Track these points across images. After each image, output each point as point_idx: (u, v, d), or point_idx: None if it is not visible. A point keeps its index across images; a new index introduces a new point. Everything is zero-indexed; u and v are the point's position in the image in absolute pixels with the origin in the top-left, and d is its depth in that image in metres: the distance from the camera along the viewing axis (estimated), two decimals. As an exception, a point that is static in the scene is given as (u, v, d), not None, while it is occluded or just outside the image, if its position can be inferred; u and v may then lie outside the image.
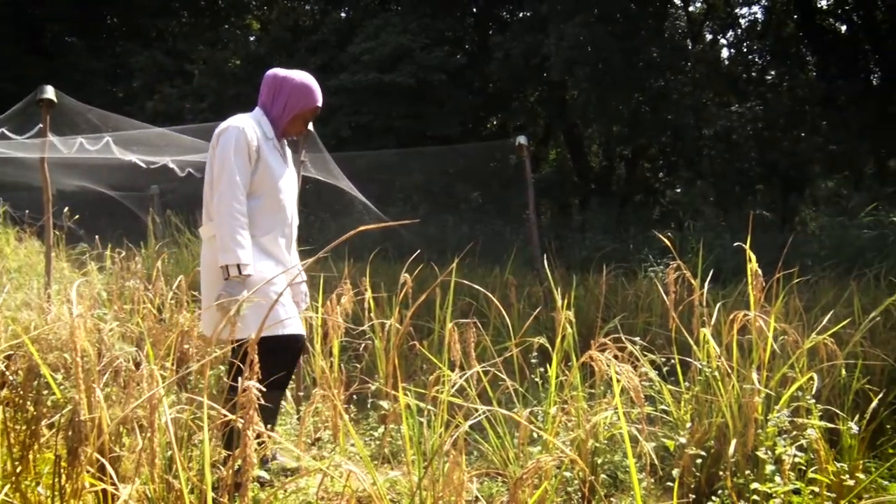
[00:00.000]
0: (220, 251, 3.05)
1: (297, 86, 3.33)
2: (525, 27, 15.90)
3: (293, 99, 3.32)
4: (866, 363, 3.90)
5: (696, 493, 3.05)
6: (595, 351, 2.66)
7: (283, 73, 3.36)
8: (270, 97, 3.35)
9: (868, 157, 13.65)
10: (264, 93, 3.37)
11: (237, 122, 3.21)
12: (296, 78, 3.34)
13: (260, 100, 3.38)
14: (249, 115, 3.31)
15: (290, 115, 3.34)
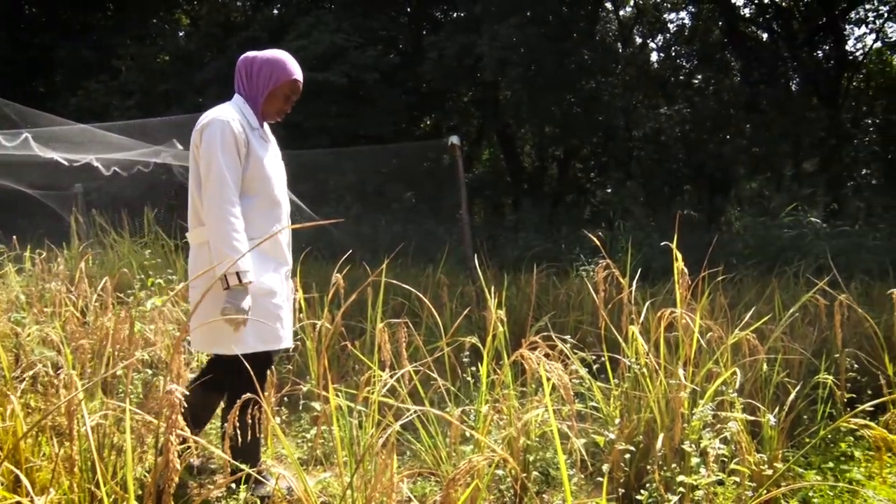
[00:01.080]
0: (217, 259, 2.81)
1: (268, 60, 3.07)
2: (459, 27, 15.95)
3: (265, 74, 3.06)
4: (786, 357, 4.04)
5: (625, 488, 3.10)
6: (526, 350, 2.68)
7: (252, 53, 3.12)
8: (244, 79, 3.10)
9: (787, 159, 14.15)
10: (237, 78, 3.12)
11: (220, 115, 2.94)
12: (266, 54, 3.10)
13: (235, 87, 3.13)
14: (230, 105, 3.05)
15: (266, 92, 3.08)
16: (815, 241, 8.87)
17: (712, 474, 2.68)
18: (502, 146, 19.03)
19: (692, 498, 2.75)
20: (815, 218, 9.52)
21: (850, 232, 9.49)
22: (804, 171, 14.40)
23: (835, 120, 15.08)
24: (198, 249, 2.99)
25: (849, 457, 3.48)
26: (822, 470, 3.44)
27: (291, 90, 3.16)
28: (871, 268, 7.51)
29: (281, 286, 3.09)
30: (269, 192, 3.06)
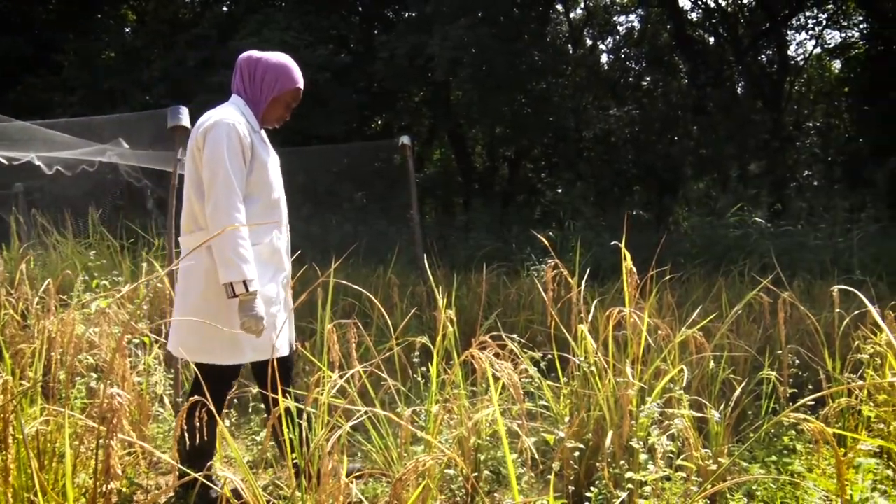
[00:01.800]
0: (222, 267, 2.72)
1: (274, 65, 2.99)
2: (410, 27, 15.92)
3: (269, 79, 2.97)
4: (731, 354, 4.12)
5: (575, 485, 3.13)
6: (475, 349, 2.68)
7: (257, 55, 3.01)
8: (246, 81, 2.99)
9: (733, 161, 14.44)
10: (238, 77, 3.01)
11: (225, 117, 2.83)
12: (271, 58, 3.01)
13: (234, 87, 3.03)
14: (232, 107, 2.94)
15: (269, 99, 3.00)
16: (760, 240, 9.08)
17: (660, 470, 2.71)
18: (453, 146, 19.08)
19: (640, 493, 2.78)
20: (759, 218, 9.73)
21: (792, 231, 9.72)
22: (749, 172, 14.72)
23: (778, 123, 15.46)
24: (197, 253, 2.81)
25: (791, 450, 3.56)
26: (766, 463, 3.51)
27: (293, 98, 3.10)
28: (813, 266, 7.71)
29: (278, 294, 3.02)
30: (270, 196, 2.99)
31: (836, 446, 1.73)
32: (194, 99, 14.21)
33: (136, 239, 6.93)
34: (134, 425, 3.38)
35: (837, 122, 18.05)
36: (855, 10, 17.02)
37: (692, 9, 19.17)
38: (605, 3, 20.13)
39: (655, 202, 14.69)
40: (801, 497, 2.99)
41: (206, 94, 15.02)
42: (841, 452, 2.94)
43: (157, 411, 3.94)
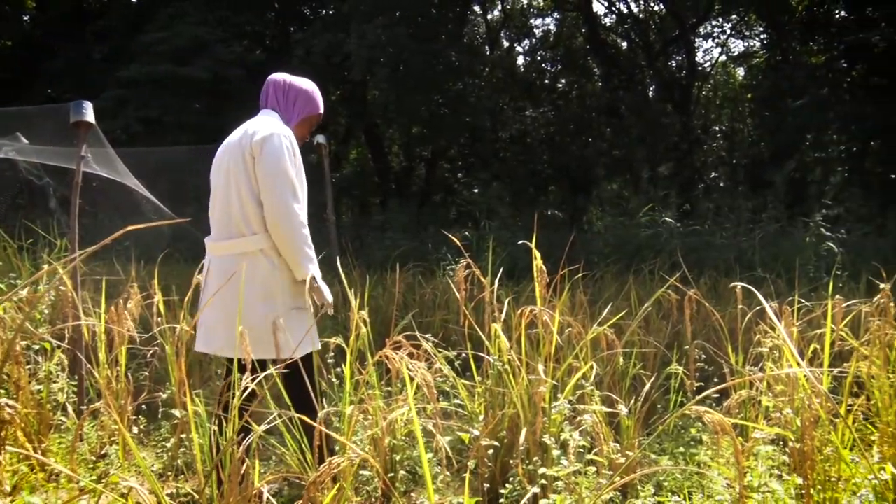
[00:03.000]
0: (302, 264, 2.99)
1: (304, 91, 3.27)
2: (327, 25, 15.78)
3: (301, 103, 3.25)
4: (642, 350, 4.24)
5: (490, 482, 3.16)
6: (389, 349, 2.67)
7: (288, 79, 3.27)
8: (280, 100, 3.24)
9: (644, 162, 14.85)
10: (272, 95, 3.24)
11: (278, 129, 3.02)
12: (302, 84, 3.29)
13: (268, 103, 3.24)
14: (275, 119, 3.14)
15: (299, 120, 3.25)
16: (670, 239, 9.37)
17: (572, 465, 2.76)
18: (370, 146, 19.01)
19: (553, 489, 2.83)
20: (669, 218, 10.03)
21: (700, 231, 10.07)
22: (659, 173, 15.16)
23: (687, 126, 15.98)
24: (248, 257, 2.99)
25: (698, 441, 3.69)
26: (675, 455, 3.63)
27: (317, 121, 3.38)
28: (719, 264, 8.00)
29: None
30: (306, 205, 3.13)
31: (735, 436, 1.80)
32: (102, 94, 13.73)
33: (35, 239, 6.63)
34: (32, 436, 3.25)
35: (741, 127, 18.79)
36: (756, 22, 17.75)
37: (606, 14, 19.65)
38: (522, 6, 20.40)
39: (570, 202, 14.98)
40: (707, 486, 3.10)
41: (115, 89, 14.54)
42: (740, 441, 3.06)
43: (59, 420, 3.78)
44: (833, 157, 15.68)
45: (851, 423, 2.93)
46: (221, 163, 3.10)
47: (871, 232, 9.90)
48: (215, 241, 3.10)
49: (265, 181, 2.94)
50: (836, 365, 3.38)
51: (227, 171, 3.04)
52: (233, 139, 3.10)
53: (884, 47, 13.33)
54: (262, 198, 2.97)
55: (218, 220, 3.10)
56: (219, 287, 2.95)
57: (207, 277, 3.11)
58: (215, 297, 2.95)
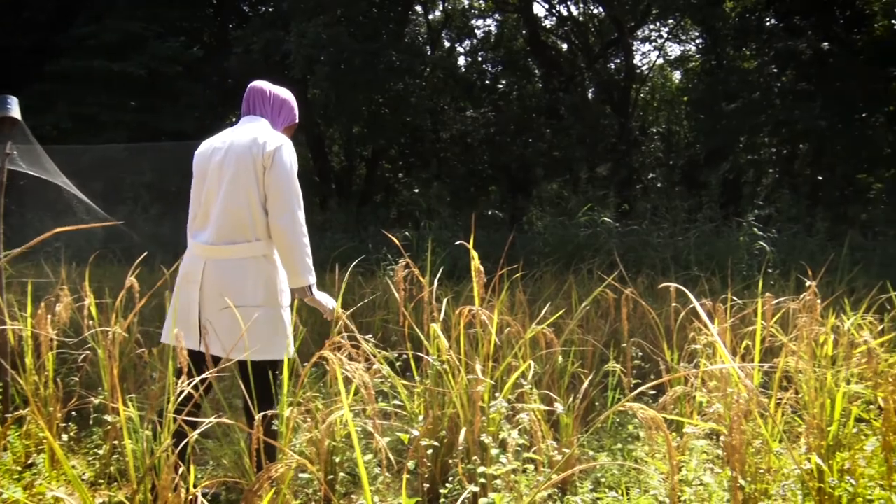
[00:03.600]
0: (302, 273, 3.07)
1: (287, 101, 3.35)
2: (266, 23, 15.59)
3: (285, 112, 3.34)
4: (580, 349, 4.29)
5: (431, 482, 3.15)
6: (328, 350, 2.65)
7: (272, 88, 3.33)
8: (267, 109, 3.30)
9: (583, 163, 15.06)
10: (259, 103, 3.30)
11: (285, 140, 3.13)
12: (284, 94, 3.36)
13: (256, 111, 3.29)
14: (274, 129, 3.23)
15: (282, 129, 3.32)
16: (608, 239, 9.51)
17: (511, 463, 2.78)
18: (310, 145, 18.83)
19: (493, 487, 2.84)
20: (607, 218, 10.18)
21: (638, 231, 10.25)
22: (598, 174, 15.39)
23: (625, 127, 16.25)
24: (251, 262, 3.08)
25: (635, 437, 3.75)
26: (612, 451, 3.68)
27: (294, 130, 3.44)
28: (656, 263, 8.16)
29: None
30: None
31: (668, 432, 1.83)
32: (27, 88, 13.28)
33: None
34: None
35: (678, 129, 19.20)
36: (692, 27, 18.17)
37: (546, 16, 19.85)
38: (464, 7, 20.47)
39: (510, 202, 15.10)
40: (644, 481, 3.15)
41: (42, 84, 14.10)
42: (674, 437, 3.12)
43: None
44: (765, 159, 16.17)
45: (780, 416, 3.02)
46: (223, 167, 3.10)
47: (800, 232, 10.22)
48: (215, 245, 3.09)
49: (277, 191, 3.04)
50: (767, 360, 3.48)
51: (233, 177, 3.06)
52: (237, 144, 3.11)
53: (810, 54, 13.79)
54: (269, 206, 3.06)
55: (219, 224, 3.09)
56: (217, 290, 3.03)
57: (203, 279, 3.09)
58: (216, 299, 3.03)
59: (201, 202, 3.17)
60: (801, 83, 14.19)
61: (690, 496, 2.78)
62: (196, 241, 3.17)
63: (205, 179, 3.17)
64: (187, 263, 3.17)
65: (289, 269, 3.10)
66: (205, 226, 3.15)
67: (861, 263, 8.00)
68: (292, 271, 3.09)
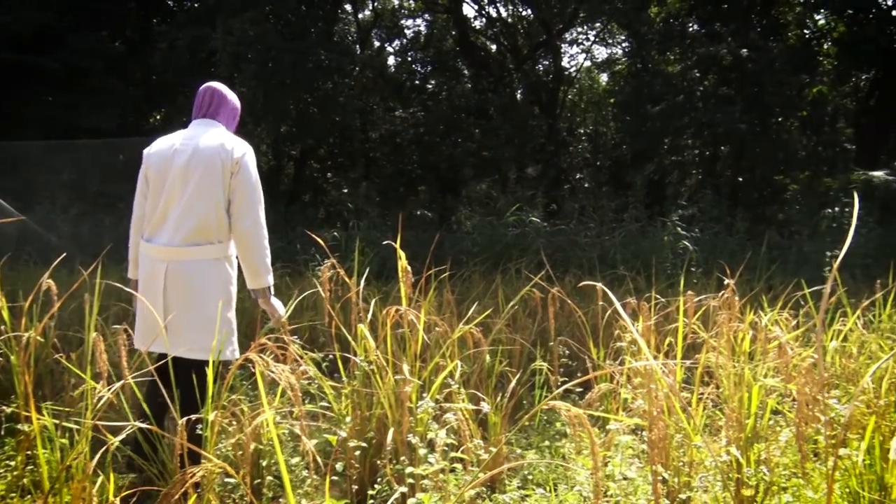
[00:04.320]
0: (262, 274, 3.23)
1: (235, 103, 3.45)
2: (192, 18, 15.25)
3: (236, 117, 3.47)
4: (508, 348, 4.32)
5: (359, 484, 3.13)
6: (254, 352, 2.60)
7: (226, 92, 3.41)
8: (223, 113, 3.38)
9: (512, 163, 15.19)
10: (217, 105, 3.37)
11: (248, 146, 3.25)
12: (235, 99, 3.46)
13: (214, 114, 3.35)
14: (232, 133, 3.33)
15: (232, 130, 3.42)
16: (536, 238, 9.62)
17: (439, 463, 2.78)
18: (238, 144, 18.48)
19: (421, 487, 2.83)
20: (536, 218, 10.29)
21: (566, 230, 10.39)
22: (527, 174, 15.55)
23: (553, 128, 16.47)
24: (214, 263, 3.18)
25: (563, 434, 3.80)
26: (540, 448, 3.72)
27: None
28: (583, 262, 8.28)
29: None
30: None
31: (591, 428, 1.86)
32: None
33: None
34: None
35: (605, 130, 19.55)
36: (618, 31, 18.52)
37: (476, 17, 19.96)
38: (393, 7, 20.42)
39: (439, 202, 15.13)
40: (571, 477, 3.19)
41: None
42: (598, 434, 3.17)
43: None
44: (688, 160, 16.61)
45: (702, 410, 3.10)
46: (189, 171, 3.14)
47: (722, 231, 10.53)
48: (176, 247, 3.14)
49: (243, 195, 3.15)
50: (690, 356, 3.57)
51: (200, 181, 3.12)
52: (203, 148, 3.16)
53: (730, 60, 14.23)
54: (233, 209, 3.15)
55: (182, 226, 3.14)
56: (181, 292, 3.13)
57: (166, 281, 3.14)
58: (180, 301, 3.12)
59: (159, 202, 3.20)
60: (721, 88, 14.61)
61: (615, 491, 2.83)
62: (153, 244, 3.19)
63: (165, 181, 3.18)
64: (147, 267, 3.21)
65: (250, 271, 3.21)
66: (162, 227, 3.19)
67: (778, 262, 8.30)
68: (254, 273, 3.21)
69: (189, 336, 3.10)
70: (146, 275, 3.20)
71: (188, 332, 3.11)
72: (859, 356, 3.80)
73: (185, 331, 3.11)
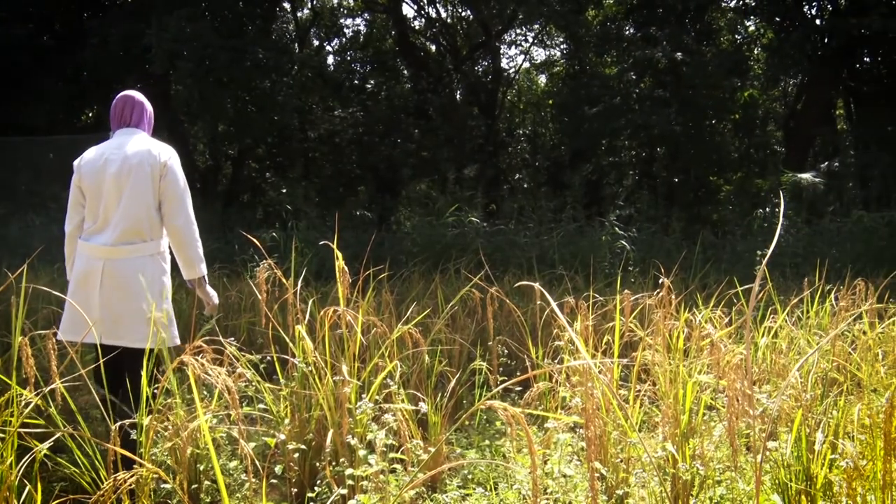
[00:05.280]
0: (196, 265, 3.50)
1: (151, 111, 3.73)
2: (125, 13, 14.87)
3: (151, 121, 3.72)
4: (447, 348, 4.32)
5: (299, 487, 3.09)
6: (189, 354, 2.55)
7: (143, 98, 3.66)
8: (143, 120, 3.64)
9: (451, 163, 15.24)
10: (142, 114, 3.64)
11: (172, 150, 3.54)
12: (147, 102, 3.69)
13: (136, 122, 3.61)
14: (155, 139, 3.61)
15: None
16: (475, 238, 9.66)
17: (378, 464, 2.76)
18: (174, 142, 18.06)
19: (361, 488, 2.81)
20: (475, 218, 10.34)
21: (505, 230, 10.47)
22: (466, 174, 15.62)
23: (492, 129, 16.57)
24: (149, 259, 3.44)
25: (503, 433, 3.82)
26: (481, 448, 3.73)
27: None
28: (522, 262, 8.34)
29: None
30: None
31: (528, 427, 1.87)
32: None
33: None
34: None
35: (543, 131, 19.75)
36: (556, 32, 18.74)
37: (415, 17, 19.97)
38: (332, 5, 20.27)
39: (378, 202, 15.08)
40: (511, 476, 3.21)
41: None
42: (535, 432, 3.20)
43: None
44: (625, 161, 16.92)
45: (639, 407, 3.15)
46: (121, 178, 3.40)
47: (658, 231, 10.74)
48: (114, 246, 3.40)
49: (173, 196, 3.43)
50: (627, 354, 3.63)
51: (133, 186, 3.39)
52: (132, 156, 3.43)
53: (665, 63, 14.54)
54: (165, 209, 3.44)
55: (118, 227, 3.41)
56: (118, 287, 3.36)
57: (103, 277, 3.38)
58: (118, 295, 3.35)
59: (98, 209, 3.45)
60: (657, 90, 14.92)
61: (555, 488, 2.85)
62: (91, 243, 3.44)
63: (101, 188, 3.43)
64: (83, 265, 3.42)
65: (185, 263, 3.50)
66: (103, 229, 3.44)
67: (712, 261, 8.51)
68: (188, 264, 3.50)
69: (131, 327, 3.33)
70: (83, 271, 3.40)
71: (129, 324, 3.33)
72: (789, 352, 3.92)
73: (125, 323, 3.33)
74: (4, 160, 12.33)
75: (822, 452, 2.58)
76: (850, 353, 4.04)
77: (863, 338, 4.10)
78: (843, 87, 16.25)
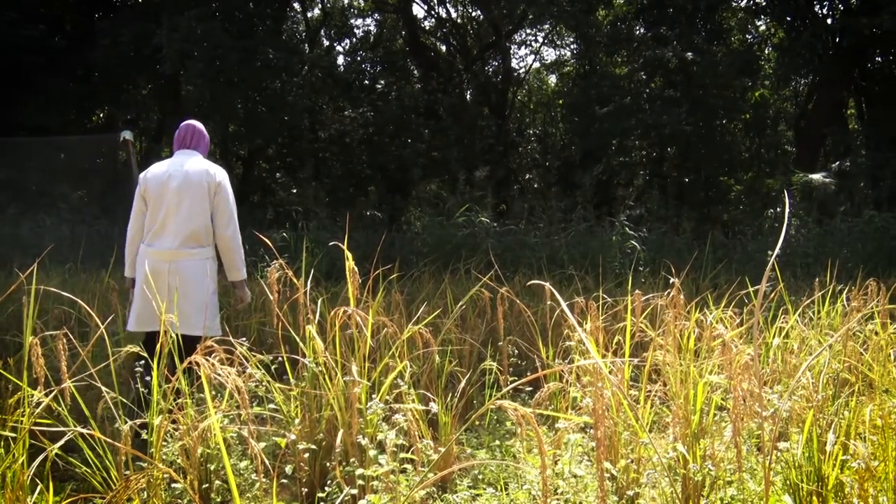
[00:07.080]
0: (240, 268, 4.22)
1: (209, 138, 4.40)
2: (136, 14, 14.94)
3: (207, 146, 4.35)
4: (458, 348, 4.32)
5: (309, 486, 3.10)
6: (200, 355, 2.56)
7: (202, 127, 4.35)
8: (201, 145, 4.31)
9: (461, 164, 15.23)
10: (200, 140, 4.30)
11: (223, 171, 4.19)
12: (202, 126, 4.36)
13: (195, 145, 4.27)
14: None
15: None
16: (486, 239, 9.65)
17: (389, 464, 2.77)
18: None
19: (371, 488, 2.82)
20: (485, 218, 10.33)
21: (515, 230, 10.45)
22: (476, 175, 15.61)
23: (502, 129, 16.55)
24: (203, 262, 4.09)
25: (513, 433, 3.81)
26: (491, 448, 3.73)
27: None
28: (532, 262, 8.33)
29: None
30: None
31: (539, 427, 1.87)
32: None
33: None
34: None
35: (554, 131, 19.73)
36: (567, 33, 18.71)
37: (425, 17, 19.97)
38: (343, 6, 20.30)
39: (388, 202, 15.09)
40: (521, 476, 3.20)
41: None
42: (545, 432, 3.20)
43: None
44: (635, 161, 16.87)
45: (649, 408, 3.14)
46: (182, 192, 4.02)
47: (668, 231, 10.71)
48: (178, 249, 4.02)
49: (225, 210, 4.09)
50: (637, 354, 3.62)
51: (192, 199, 4.02)
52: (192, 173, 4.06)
53: (676, 63, 14.49)
54: (217, 220, 4.08)
55: (180, 234, 4.02)
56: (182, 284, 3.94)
57: (169, 277, 3.96)
58: (183, 291, 3.91)
59: (158, 215, 4.03)
60: (668, 90, 14.88)
61: (565, 488, 2.85)
62: (154, 249, 4.03)
63: (162, 199, 4.02)
64: (152, 266, 3.93)
65: (230, 266, 4.18)
66: (161, 234, 4.03)
67: (723, 261, 8.47)
68: (233, 267, 4.19)
69: (193, 318, 3.91)
70: (151, 272, 3.84)
71: (192, 316, 3.91)
72: (800, 352, 3.90)
73: (189, 315, 3.90)
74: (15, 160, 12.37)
75: (834, 453, 2.57)
76: (862, 354, 4.02)
77: (875, 338, 4.09)
78: (854, 87, 16.14)
